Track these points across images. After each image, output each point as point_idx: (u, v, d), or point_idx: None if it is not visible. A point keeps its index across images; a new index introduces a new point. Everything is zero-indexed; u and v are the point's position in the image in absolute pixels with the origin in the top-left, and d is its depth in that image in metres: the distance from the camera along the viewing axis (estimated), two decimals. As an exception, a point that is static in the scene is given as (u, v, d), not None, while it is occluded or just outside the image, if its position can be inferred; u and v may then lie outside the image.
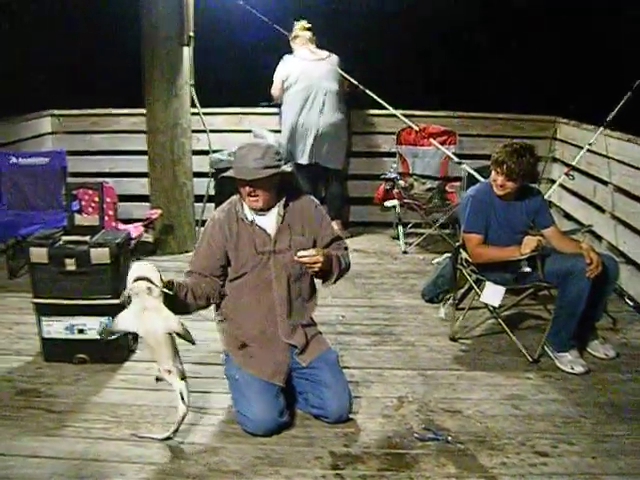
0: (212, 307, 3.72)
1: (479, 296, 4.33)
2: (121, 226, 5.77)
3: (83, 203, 5.75)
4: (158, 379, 3.37)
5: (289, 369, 3.59)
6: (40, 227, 5.13)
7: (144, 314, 3.20)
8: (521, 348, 4.30)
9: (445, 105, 7.36)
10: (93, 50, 7.75)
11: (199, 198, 6.64)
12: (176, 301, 3.34)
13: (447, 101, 7.45)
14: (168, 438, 3.37)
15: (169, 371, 3.30)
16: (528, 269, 4.11)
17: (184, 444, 3.36)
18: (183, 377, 3.34)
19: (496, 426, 3.55)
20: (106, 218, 5.57)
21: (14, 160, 5.94)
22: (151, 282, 3.15)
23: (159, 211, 6.12)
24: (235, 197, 3.64)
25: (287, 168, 3.59)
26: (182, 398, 3.33)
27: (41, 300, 4.16)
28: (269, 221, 3.59)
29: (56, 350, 4.22)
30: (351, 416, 3.59)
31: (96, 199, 5.52)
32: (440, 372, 4.16)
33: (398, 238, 6.78)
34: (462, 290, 4.73)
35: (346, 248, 3.79)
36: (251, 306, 3.60)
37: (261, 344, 3.60)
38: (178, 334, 3.25)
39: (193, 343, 3.31)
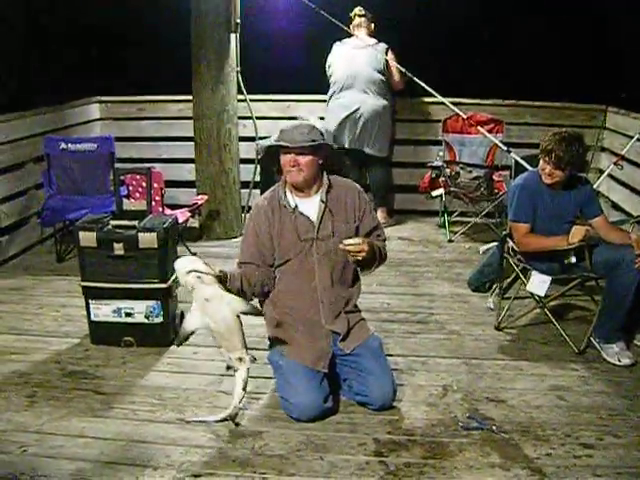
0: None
1: (525, 285, 4.30)
2: (168, 211, 5.82)
3: (130, 188, 5.84)
4: (229, 367, 3.37)
5: (332, 356, 3.60)
6: (88, 212, 5.21)
7: (207, 305, 3.21)
8: (567, 339, 4.26)
9: (493, 93, 7.25)
10: (142, 36, 7.81)
11: (245, 185, 6.69)
12: (231, 290, 3.35)
13: (496, 89, 7.31)
14: (224, 420, 3.38)
15: (240, 359, 3.30)
16: (575, 259, 4.07)
17: (227, 428, 3.39)
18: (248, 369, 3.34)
19: (541, 416, 3.52)
20: (153, 203, 5.63)
21: (64, 146, 6.02)
22: (198, 272, 3.17)
23: (205, 197, 6.16)
24: (278, 185, 3.65)
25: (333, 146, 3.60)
26: (245, 386, 3.34)
27: (89, 283, 4.23)
28: (311, 208, 3.59)
29: (104, 333, 4.30)
30: (395, 404, 3.59)
31: (143, 184, 5.59)
32: (485, 361, 4.14)
33: (444, 227, 6.74)
34: (508, 279, 4.69)
35: (384, 239, 3.78)
36: (294, 292, 3.61)
37: (304, 330, 3.61)
38: (246, 313, 3.28)
39: (261, 314, 3.48)
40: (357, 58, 6.56)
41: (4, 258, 5.88)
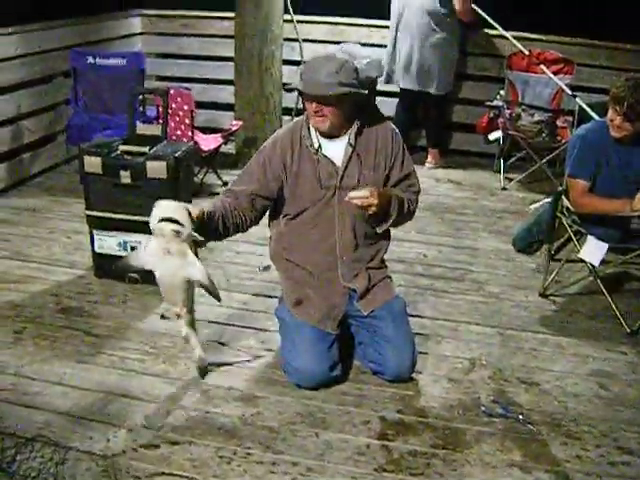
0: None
1: (578, 250, 3.79)
2: (199, 135, 5.43)
3: (160, 109, 5.43)
4: (163, 317, 3.22)
5: (344, 316, 3.18)
6: (114, 132, 4.91)
7: (166, 256, 2.72)
8: (619, 315, 3.75)
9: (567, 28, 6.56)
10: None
11: (287, 111, 6.22)
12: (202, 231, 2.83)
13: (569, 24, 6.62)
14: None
15: (178, 315, 2.86)
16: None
17: (221, 388, 3.07)
18: (191, 325, 2.91)
19: (577, 408, 3.06)
20: (182, 127, 5.24)
21: (91, 60, 5.61)
22: (179, 224, 2.66)
23: (240, 123, 5.73)
24: (301, 117, 3.18)
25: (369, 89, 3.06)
26: (189, 343, 2.94)
27: (94, 212, 3.93)
28: (338, 150, 3.09)
29: (108, 266, 3.93)
30: (413, 375, 3.19)
31: (173, 105, 5.18)
32: (522, 333, 3.67)
33: (499, 172, 6.19)
34: (560, 240, 4.17)
35: (417, 191, 3.27)
36: (309, 246, 3.15)
37: (317, 286, 3.18)
38: (201, 285, 2.80)
39: (218, 300, 2.89)
40: None
41: (25, 176, 5.60)
